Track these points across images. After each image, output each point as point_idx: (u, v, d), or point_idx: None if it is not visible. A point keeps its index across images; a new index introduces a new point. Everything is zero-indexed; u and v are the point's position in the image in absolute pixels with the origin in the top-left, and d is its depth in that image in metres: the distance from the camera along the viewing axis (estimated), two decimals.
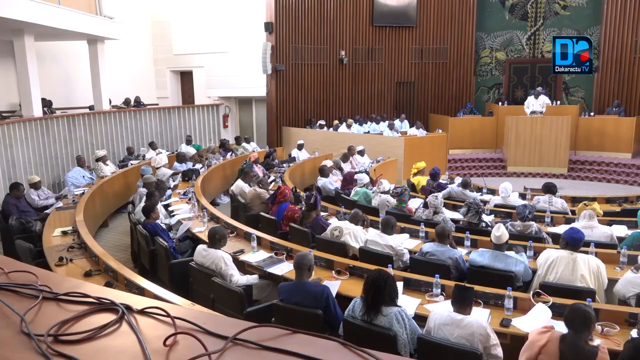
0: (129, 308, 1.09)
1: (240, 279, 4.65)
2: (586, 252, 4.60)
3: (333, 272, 4.73)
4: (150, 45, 15.76)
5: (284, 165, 10.79)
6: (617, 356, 3.06)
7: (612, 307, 3.96)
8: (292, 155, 11.88)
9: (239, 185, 8.29)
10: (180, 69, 15.98)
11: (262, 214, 6.87)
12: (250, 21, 14.25)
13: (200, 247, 4.86)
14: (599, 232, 5.55)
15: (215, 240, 4.76)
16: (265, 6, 13.73)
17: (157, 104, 14.80)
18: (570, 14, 14.65)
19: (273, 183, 8.81)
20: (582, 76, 14.73)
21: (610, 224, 6.14)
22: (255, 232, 5.64)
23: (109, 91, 12.36)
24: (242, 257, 5.23)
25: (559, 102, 14.31)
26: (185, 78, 16.20)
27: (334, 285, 4.28)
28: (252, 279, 4.76)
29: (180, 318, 1.05)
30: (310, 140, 12.72)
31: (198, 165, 10.16)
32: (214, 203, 9.36)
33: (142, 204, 6.48)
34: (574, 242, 4.46)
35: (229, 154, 11.72)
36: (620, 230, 5.95)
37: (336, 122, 14.21)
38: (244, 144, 12.68)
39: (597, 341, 3.30)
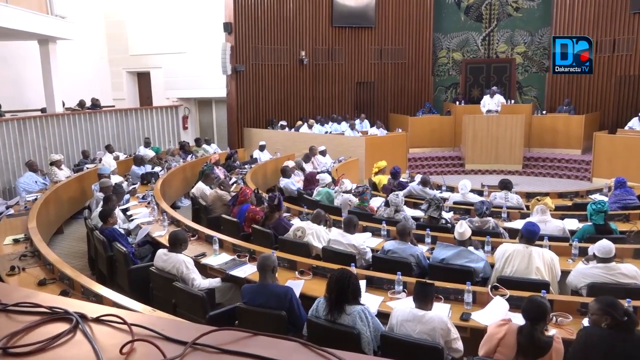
0: (83, 317, 1.06)
1: (203, 282, 4.59)
2: (540, 246, 4.77)
3: (296, 272, 4.74)
4: (105, 46, 15.33)
5: (246, 166, 10.71)
6: (571, 344, 3.19)
7: (565, 298, 4.12)
8: (254, 157, 11.81)
9: (200, 187, 8.17)
10: (137, 69, 15.62)
11: (224, 216, 6.80)
12: (209, 21, 14.07)
13: (161, 252, 4.77)
14: (552, 226, 5.77)
15: (176, 244, 4.68)
16: (224, 6, 13.59)
17: (114, 106, 14.42)
18: (522, 16, 15.15)
19: (235, 185, 8.73)
20: (534, 76, 15.29)
21: (562, 217, 6.39)
22: (217, 235, 5.58)
23: (62, 93, 11.95)
24: (204, 261, 5.16)
25: (513, 101, 14.77)
26: (143, 79, 15.84)
27: (297, 285, 4.28)
28: (215, 282, 4.70)
29: (137, 325, 1.04)
30: (272, 141, 12.67)
31: (157, 168, 9.96)
32: (174, 206, 9.20)
33: (99, 208, 6.30)
34: (529, 234, 4.61)
35: (189, 156, 11.53)
36: (572, 224, 6.19)
37: (299, 122, 14.20)
38: (204, 145, 12.51)
39: (552, 331, 3.42)
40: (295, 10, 14.41)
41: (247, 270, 4.82)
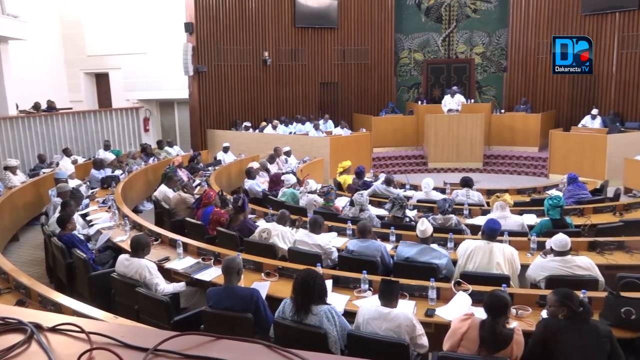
0: (38, 327, 1.03)
1: (167, 287, 4.51)
2: (500, 241, 4.90)
3: (262, 274, 4.71)
4: (60, 46, 14.84)
5: (210, 168, 10.58)
6: (531, 336, 3.29)
7: (524, 291, 4.25)
8: (218, 158, 11.68)
9: (163, 190, 8.03)
10: (95, 70, 15.19)
11: (188, 219, 6.71)
12: (170, 21, 13.83)
13: (123, 257, 4.65)
14: (512, 222, 5.93)
15: (138, 248, 4.58)
16: (185, 5, 13.38)
17: (71, 108, 13.98)
18: (480, 17, 15.53)
19: (198, 187, 8.62)
20: (493, 76, 15.71)
21: (521, 213, 6.58)
22: (181, 238, 5.49)
23: (15, 95, 11.52)
24: (168, 265, 5.07)
25: (473, 101, 15.10)
26: (101, 80, 15.42)
27: (264, 287, 4.26)
28: (179, 286, 4.62)
29: (96, 333, 1.01)
30: (236, 142, 12.56)
31: (118, 172, 9.73)
32: (136, 210, 9.00)
33: (57, 214, 6.10)
34: (490, 231, 4.74)
35: (151, 158, 11.31)
36: (530, 219, 6.39)
37: (263, 123, 14.13)
38: (166, 147, 12.30)
39: (513, 324, 3.52)
40: (258, 11, 14.32)
41: (213, 274, 4.76)
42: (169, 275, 4.95)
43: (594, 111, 12.76)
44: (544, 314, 3.58)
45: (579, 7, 13.64)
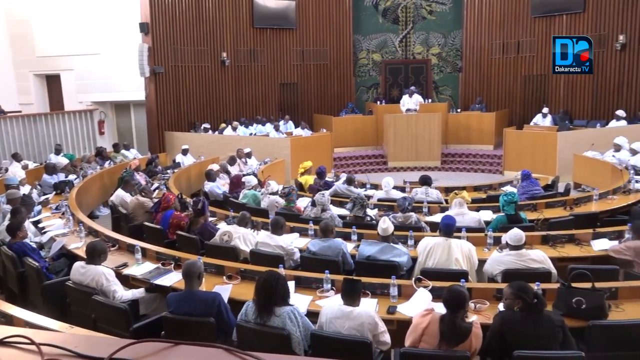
0: None
1: (125, 294, 4.40)
2: (459, 237, 5.02)
3: (224, 277, 4.66)
4: (8, 47, 14.22)
5: (168, 171, 10.38)
6: (488, 328, 3.39)
7: (482, 285, 4.38)
8: (177, 161, 11.47)
9: (119, 195, 7.83)
10: (45, 72, 14.62)
11: (146, 223, 6.56)
12: (124, 20, 13.47)
13: (78, 264, 4.50)
14: (469, 218, 6.09)
15: (94, 255, 4.45)
16: (140, 5, 13.07)
17: (20, 111, 13.43)
18: (436, 19, 15.86)
19: (157, 191, 8.44)
20: (449, 76, 16.08)
21: (478, 209, 6.76)
22: (139, 244, 5.36)
23: None
24: (126, 271, 4.94)
25: (430, 100, 15.40)
26: (53, 82, 14.87)
27: (225, 290, 4.22)
28: (138, 292, 4.52)
29: (48, 344, 0.98)
30: (195, 144, 12.37)
31: (72, 176, 9.41)
32: (92, 216, 8.73)
33: (6, 222, 5.85)
34: (446, 227, 4.86)
35: (107, 162, 11.00)
36: (487, 215, 6.56)
37: (223, 125, 13.97)
38: (123, 151, 11.99)
39: (472, 317, 3.61)
40: (215, 11, 14.15)
41: (173, 279, 4.67)
42: (128, 281, 4.83)
43: (545, 110, 13.24)
44: (501, 306, 3.69)
45: (528, 9, 14.13)
